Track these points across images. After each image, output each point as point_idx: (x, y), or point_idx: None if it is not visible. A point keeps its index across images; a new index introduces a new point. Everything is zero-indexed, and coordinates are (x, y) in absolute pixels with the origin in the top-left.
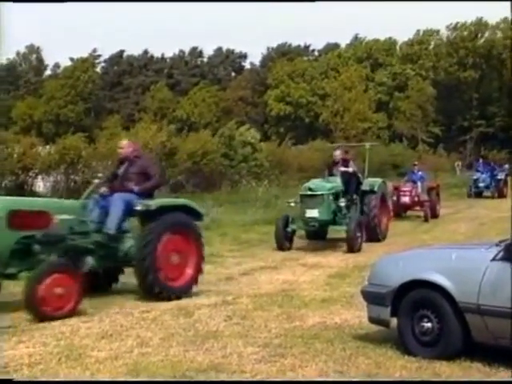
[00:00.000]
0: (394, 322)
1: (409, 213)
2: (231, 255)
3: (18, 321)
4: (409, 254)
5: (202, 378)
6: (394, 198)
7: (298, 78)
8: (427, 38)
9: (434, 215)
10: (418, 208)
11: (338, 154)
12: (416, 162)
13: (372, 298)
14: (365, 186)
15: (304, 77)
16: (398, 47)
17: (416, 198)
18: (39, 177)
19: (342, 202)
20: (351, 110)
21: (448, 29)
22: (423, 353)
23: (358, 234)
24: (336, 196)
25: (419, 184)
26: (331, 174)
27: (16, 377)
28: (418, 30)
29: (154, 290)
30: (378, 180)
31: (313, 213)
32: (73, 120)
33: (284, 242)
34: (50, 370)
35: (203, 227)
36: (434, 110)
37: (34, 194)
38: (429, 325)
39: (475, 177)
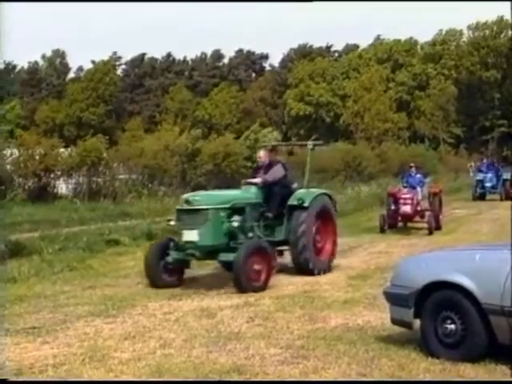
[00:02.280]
0: (416, 323)
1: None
2: None
3: (42, 322)
4: (432, 255)
5: (224, 380)
6: (392, 207)
7: (318, 77)
8: (449, 38)
9: (438, 226)
10: (418, 219)
11: (261, 155)
12: (413, 164)
13: (395, 299)
14: (292, 200)
15: (324, 76)
16: (419, 47)
17: (418, 207)
18: (61, 179)
19: (235, 222)
20: (371, 110)
21: (470, 28)
22: (447, 355)
23: (257, 267)
24: (240, 213)
25: (418, 189)
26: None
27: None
28: (440, 30)
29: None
30: (314, 191)
31: (191, 235)
32: (94, 122)
33: (159, 276)
34: (75, 370)
35: None
36: (456, 110)
37: (56, 195)
38: (452, 326)
39: (479, 177)
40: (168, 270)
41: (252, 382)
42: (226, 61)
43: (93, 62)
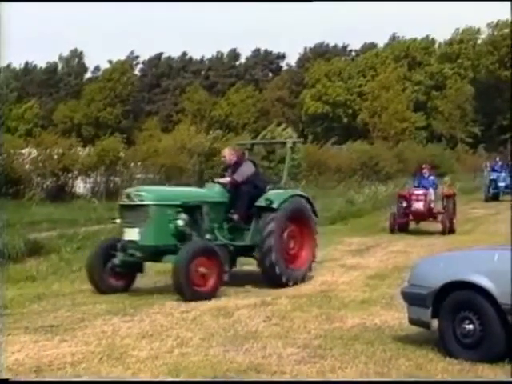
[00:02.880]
0: (434, 323)
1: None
2: None
3: (60, 320)
4: (450, 255)
5: (242, 379)
6: (403, 205)
7: (334, 76)
8: (467, 37)
9: (450, 229)
10: (430, 220)
11: (225, 154)
12: (425, 165)
13: (412, 299)
14: (260, 201)
15: (341, 76)
16: (436, 46)
17: (431, 205)
18: (79, 178)
19: (181, 221)
20: (389, 109)
21: (489, 27)
22: (465, 355)
23: (203, 271)
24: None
25: (431, 191)
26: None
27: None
28: (457, 29)
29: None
30: (288, 192)
31: (132, 234)
32: (111, 122)
33: (104, 280)
34: (93, 368)
35: None
36: (473, 109)
37: (74, 195)
38: (471, 327)
39: (492, 176)
40: (116, 273)
41: (268, 381)
42: (242, 60)
43: (110, 61)
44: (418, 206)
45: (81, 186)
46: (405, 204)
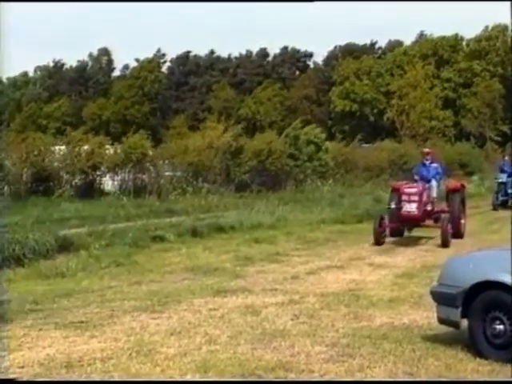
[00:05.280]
0: (464, 323)
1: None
2: (297, 254)
3: (89, 316)
4: (480, 255)
5: (270, 377)
6: (393, 206)
7: (363, 75)
8: (496, 34)
9: (457, 233)
10: (430, 224)
11: None
12: (427, 149)
13: (442, 298)
14: None
15: (370, 74)
16: (464, 43)
17: (429, 207)
18: (107, 175)
19: None
20: (417, 108)
21: None
22: (495, 356)
23: None
24: None
25: (433, 183)
26: None
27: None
28: (487, 26)
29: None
30: None
31: None
32: (139, 120)
33: None
34: (122, 365)
35: (268, 226)
36: (503, 107)
37: (102, 192)
38: (501, 327)
39: (501, 179)
40: None
41: (293, 381)
42: (270, 58)
43: (137, 60)
44: (411, 208)
45: (109, 184)
46: (394, 205)
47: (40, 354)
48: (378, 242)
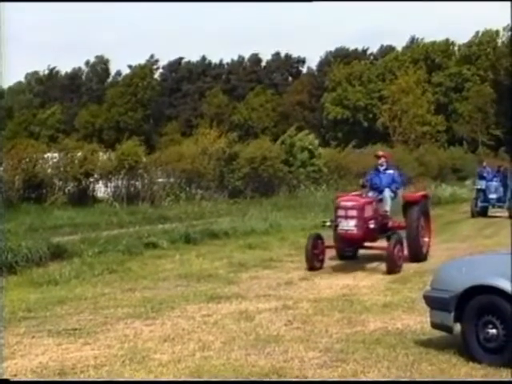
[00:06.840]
0: (457, 327)
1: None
2: (290, 260)
3: (83, 323)
4: (473, 259)
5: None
6: (328, 223)
7: (355, 80)
8: (486, 39)
9: (416, 255)
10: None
11: None
12: (381, 152)
13: (435, 303)
14: None
15: (361, 80)
16: (455, 49)
17: (374, 224)
18: (100, 182)
19: None
20: (409, 113)
21: (507, 30)
22: (488, 360)
23: None
24: None
25: (387, 193)
26: None
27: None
28: (477, 32)
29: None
30: None
31: None
32: (132, 127)
33: None
34: (115, 372)
35: (262, 232)
36: (495, 112)
37: (95, 199)
38: (494, 331)
39: (480, 186)
40: None
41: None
42: (262, 64)
43: (129, 66)
44: (348, 226)
45: (102, 190)
46: (331, 219)
47: (33, 362)
48: (313, 266)
